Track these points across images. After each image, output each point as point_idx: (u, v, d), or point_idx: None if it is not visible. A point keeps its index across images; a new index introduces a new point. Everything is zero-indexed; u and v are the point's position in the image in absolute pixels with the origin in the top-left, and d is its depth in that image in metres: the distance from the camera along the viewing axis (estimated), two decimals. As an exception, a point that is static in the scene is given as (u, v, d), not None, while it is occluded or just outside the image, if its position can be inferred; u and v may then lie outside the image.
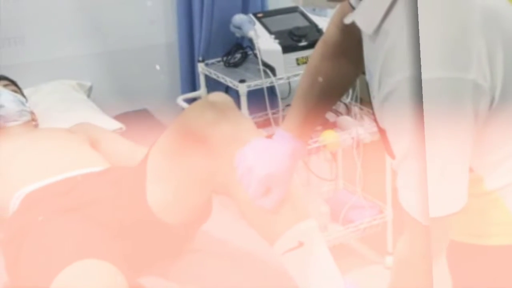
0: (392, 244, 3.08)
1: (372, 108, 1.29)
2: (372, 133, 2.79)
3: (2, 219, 2.07)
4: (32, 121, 2.55)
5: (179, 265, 1.92)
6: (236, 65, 2.86)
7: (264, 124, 2.85)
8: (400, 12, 1.16)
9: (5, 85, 2.54)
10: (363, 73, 1.37)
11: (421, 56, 1.11)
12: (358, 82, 2.81)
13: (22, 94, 2.60)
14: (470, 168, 1.22)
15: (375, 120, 1.29)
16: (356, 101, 2.95)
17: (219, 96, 1.72)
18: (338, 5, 1.42)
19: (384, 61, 1.17)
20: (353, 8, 1.30)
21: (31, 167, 2.14)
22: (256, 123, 2.41)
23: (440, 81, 1.12)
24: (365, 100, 2.94)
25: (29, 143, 2.29)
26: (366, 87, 1.34)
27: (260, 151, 1.56)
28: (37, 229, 1.83)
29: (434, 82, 1.11)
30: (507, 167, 1.26)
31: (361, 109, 2.94)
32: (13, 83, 2.61)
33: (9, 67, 2.67)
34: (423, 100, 1.11)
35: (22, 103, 2.52)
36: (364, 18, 1.23)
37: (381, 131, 1.27)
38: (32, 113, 2.57)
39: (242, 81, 2.65)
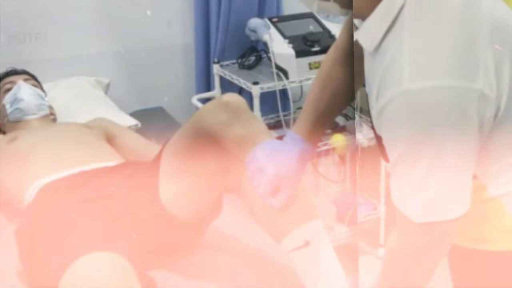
0: (384, 237, 3.11)
1: (370, 117, 1.33)
2: (370, 139, 2.82)
3: (17, 210, 2.11)
4: (51, 115, 2.58)
5: (188, 260, 1.94)
6: (250, 67, 2.88)
7: (275, 125, 2.88)
8: (396, 34, 1.22)
9: (25, 80, 2.57)
10: (363, 85, 1.41)
11: (430, 65, 1.16)
12: (358, 93, 2.84)
13: (42, 89, 2.63)
14: (474, 175, 1.25)
15: (373, 128, 1.33)
16: (356, 109, 2.93)
17: (232, 97, 1.76)
18: (351, 13, 1.44)
19: (382, 76, 1.22)
20: (356, 27, 1.35)
21: (47, 160, 2.16)
22: (267, 124, 2.42)
23: (447, 90, 1.15)
24: (364, 110, 2.97)
25: (47, 137, 2.30)
26: (365, 98, 1.38)
27: (270, 152, 1.59)
28: (52, 221, 1.86)
29: (442, 91, 1.15)
30: (510, 175, 1.29)
31: (360, 117, 2.92)
32: (33, 77, 2.63)
33: (30, 62, 2.70)
34: (431, 108, 1.15)
35: (41, 97, 2.55)
36: (366, 37, 1.28)
37: (378, 138, 1.31)
38: (50, 107, 2.60)
39: (255, 83, 2.67)
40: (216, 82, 2.96)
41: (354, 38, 1.32)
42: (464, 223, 1.26)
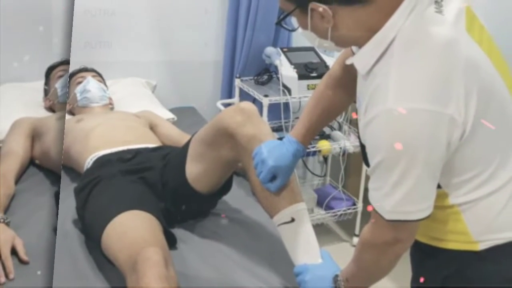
0: (359, 228, 3.07)
1: (357, 128, 1.26)
2: (355, 146, 2.78)
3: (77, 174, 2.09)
4: (109, 105, 2.54)
5: (202, 223, 1.91)
6: (263, 83, 2.82)
7: (278, 129, 2.83)
8: (386, 62, 1.13)
9: (93, 76, 2.53)
10: (355, 101, 1.34)
11: (412, 90, 1.08)
12: (350, 108, 2.78)
13: (105, 84, 2.58)
14: (438, 184, 1.18)
15: (359, 137, 1.26)
16: (346, 121, 2.94)
17: (247, 105, 1.70)
18: (343, 50, 1.40)
19: (371, 95, 1.14)
20: (353, 53, 1.28)
21: (104, 138, 2.13)
22: (272, 127, 2.39)
23: (424, 112, 1.06)
24: (353, 122, 2.92)
25: (105, 121, 2.26)
26: (355, 112, 1.31)
27: (272, 149, 1.55)
28: (104, 183, 1.82)
29: (419, 112, 1.06)
30: (468, 188, 1.20)
31: (349, 127, 2.92)
32: (99, 75, 2.60)
33: (98, 63, 2.66)
34: (408, 125, 1.07)
35: (104, 91, 2.50)
36: (360, 62, 1.20)
37: (362, 146, 1.24)
38: (110, 98, 2.55)
39: (266, 96, 2.62)
40: (236, 92, 2.90)
41: (351, 62, 1.23)
42: (426, 224, 1.19)
